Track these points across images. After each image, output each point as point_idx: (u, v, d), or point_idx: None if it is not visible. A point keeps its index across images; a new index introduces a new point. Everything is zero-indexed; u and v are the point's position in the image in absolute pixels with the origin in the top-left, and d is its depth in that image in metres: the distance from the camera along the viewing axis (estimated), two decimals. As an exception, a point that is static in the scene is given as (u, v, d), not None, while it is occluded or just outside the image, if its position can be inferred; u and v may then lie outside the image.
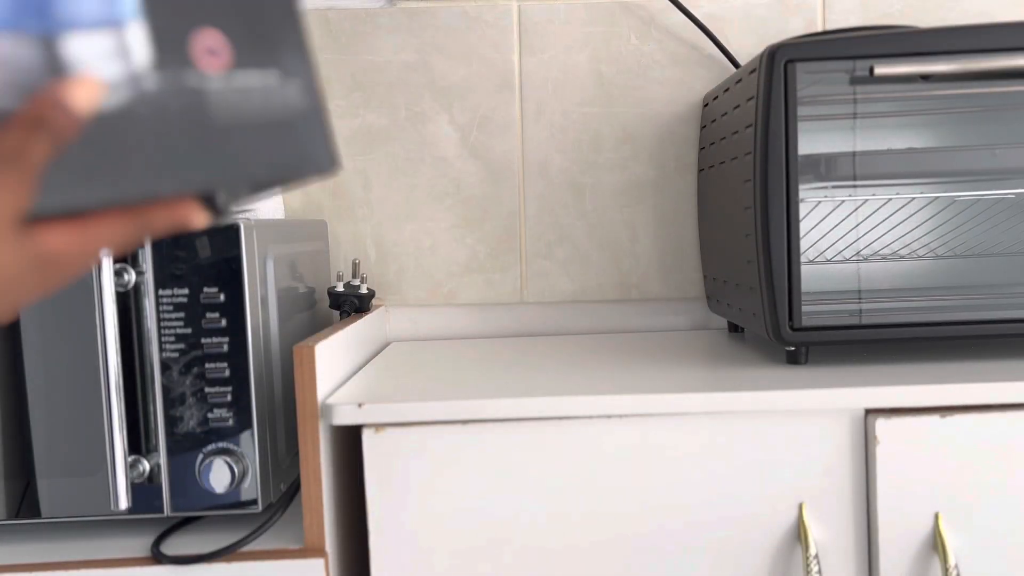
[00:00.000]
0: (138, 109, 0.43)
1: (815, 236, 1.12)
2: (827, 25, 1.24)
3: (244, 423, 0.83)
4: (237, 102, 0.45)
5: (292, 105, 0.47)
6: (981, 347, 0.97)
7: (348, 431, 0.92)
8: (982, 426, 0.80)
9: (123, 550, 0.83)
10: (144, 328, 0.83)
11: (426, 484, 0.82)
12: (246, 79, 0.46)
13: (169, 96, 0.43)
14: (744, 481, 0.82)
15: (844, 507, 0.82)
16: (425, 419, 0.81)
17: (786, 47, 0.85)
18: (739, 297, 0.98)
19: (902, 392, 0.80)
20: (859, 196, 1.07)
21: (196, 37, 0.44)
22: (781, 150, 0.86)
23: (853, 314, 0.92)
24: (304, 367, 0.81)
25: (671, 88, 1.25)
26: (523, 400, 0.80)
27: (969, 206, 1.11)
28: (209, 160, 0.44)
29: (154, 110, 0.43)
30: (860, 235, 1.13)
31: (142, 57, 0.43)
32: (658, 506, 0.82)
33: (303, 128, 0.47)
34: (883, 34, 0.85)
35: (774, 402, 0.80)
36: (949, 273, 1.17)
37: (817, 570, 0.79)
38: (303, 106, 0.47)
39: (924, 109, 1.12)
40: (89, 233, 0.42)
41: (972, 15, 1.23)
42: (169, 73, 0.43)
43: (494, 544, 0.82)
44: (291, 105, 0.47)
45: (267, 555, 0.81)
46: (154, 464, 0.84)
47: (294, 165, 0.47)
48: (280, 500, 0.88)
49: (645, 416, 0.81)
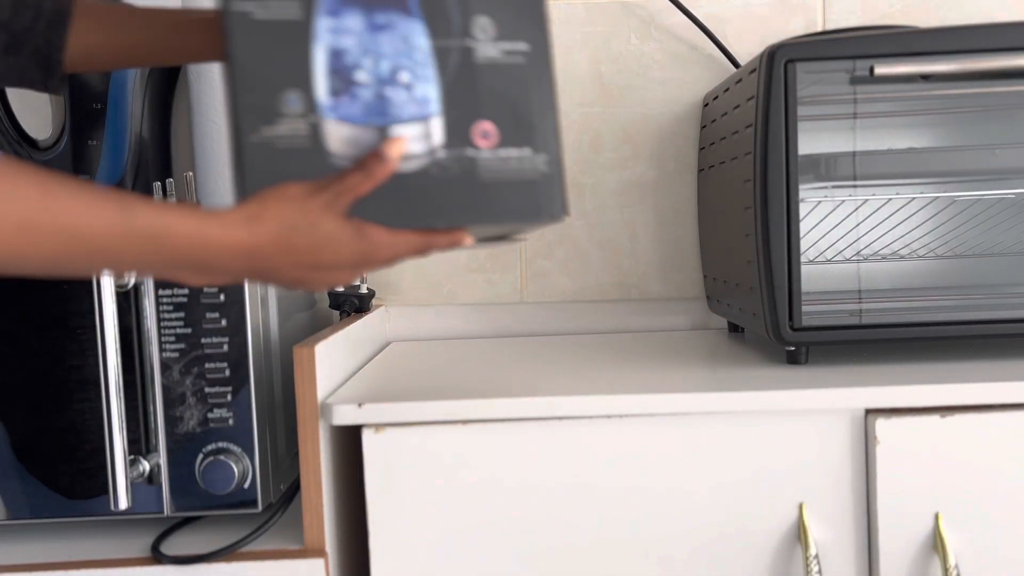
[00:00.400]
0: (432, 171, 0.66)
1: (815, 236, 1.12)
2: (827, 25, 1.24)
3: (244, 423, 0.83)
4: (499, 168, 0.67)
5: (539, 171, 0.68)
6: (981, 347, 0.97)
7: (348, 431, 0.92)
8: (982, 426, 0.80)
9: (123, 550, 0.83)
10: (144, 328, 0.83)
11: (426, 484, 0.82)
12: (507, 153, 0.67)
13: (452, 163, 0.66)
14: (744, 481, 0.82)
15: (844, 507, 0.81)
16: (425, 419, 0.81)
17: (786, 47, 0.85)
18: (739, 297, 0.98)
19: (902, 392, 0.80)
20: (859, 196, 1.07)
21: (475, 126, 0.67)
22: (781, 150, 0.85)
23: (853, 314, 0.92)
24: (304, 367, 0.81)
25: (671, 88, 1.25)
26: (523, 400, 0.80)
27: (969, 206, 1.11)
28: (476, 206, 0.67)
29: (442, 171, 0.66)
30: (860, 235, 1.13)
31: (438, 139, 0.66)
32: (658, 506, 0.82)
33: (545, 188, 0.68)
34: (883, 34, 0.85)
35: (774, 402, 0.80)
36: (949, 273, 1.17)
37: (817, 570, 0.79)
38: (547, 172, 0.68)
39: (924, 109, 1.12)
40: (397, 238, 0.65)
41: (972, 15, 1.23)
42: (454, 149, 0.66)
43: (494, 544, 0.82)
44: (538, 171, 0.68)
45: (267, 555, 0.81)
46: (154, 464, 0.84)
47: (534, 213, 0.68)
48: (280, 500, 0.88)
49: (645, 416, 0.81)
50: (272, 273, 0.63)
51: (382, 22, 0.65)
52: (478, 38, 0.67)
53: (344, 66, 0.65)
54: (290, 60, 0.64)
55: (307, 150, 0.64)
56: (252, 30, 0.64)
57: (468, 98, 0.67)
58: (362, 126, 0.65)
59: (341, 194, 0.63)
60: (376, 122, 0.65)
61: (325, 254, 0.63)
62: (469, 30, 0.67)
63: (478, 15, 0.67)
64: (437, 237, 0.67)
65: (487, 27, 0.67)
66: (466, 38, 0.67)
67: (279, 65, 0.64)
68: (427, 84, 0.66)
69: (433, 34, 0.66)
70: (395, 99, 0.65)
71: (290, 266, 0.63)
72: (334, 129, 0.65)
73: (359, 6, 0.65)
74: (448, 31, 0.66)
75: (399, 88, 0.66)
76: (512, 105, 0.67)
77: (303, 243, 0.61)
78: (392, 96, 0.65)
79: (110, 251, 0.55)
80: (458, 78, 0.67)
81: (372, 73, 0.65)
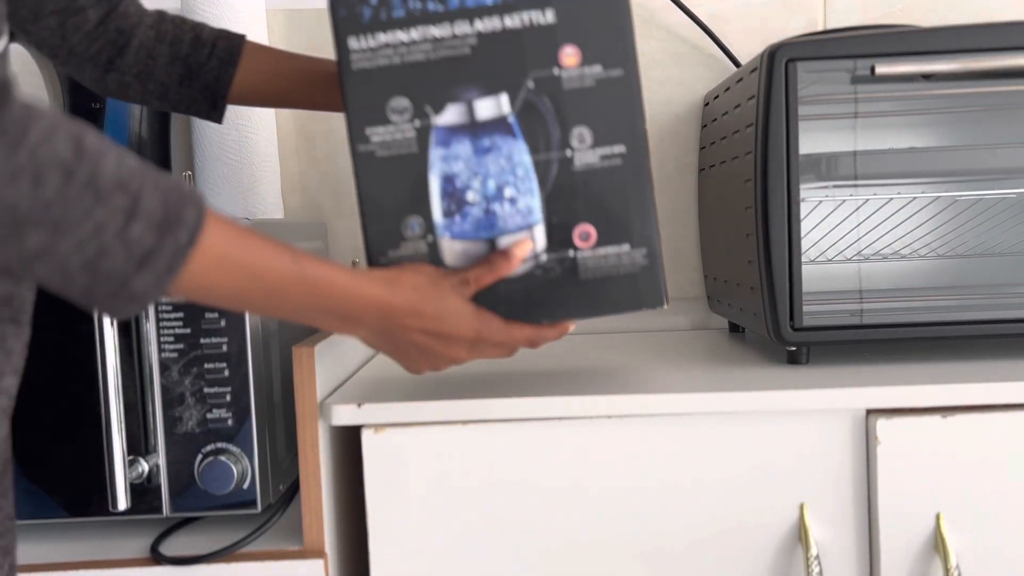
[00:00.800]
0: (536, 273, 0.73)
1: (816, 236, 1.12)
2: (828, 24, 1.24)
3: (243, 423, 0.83)
4: (599, 266, 0.73)
5: (638, 264, 0.73)
6: (983, 347, 0.97)
7: (348, 431, 0.92)
8: (983, 426, 0.80)
9: (122, 551, 0.83)
10: (143, 328, 0.83)
11: (426, 484, 0.82)
12: (606, 251, 0.73)
13: (555, 264, 0.73)
14: (745, 481, 0.81)
15: (845, 507, 0.81)
16: (425, 419, 0.81)
17: (787, 46, 0.85)
18: (740, 297, 0.98)
19: (903, 392, 0.79)
20: (860, 196, 1.07)
21: (576, 229, 0.73)
22: (782, 149, 0.85)
23: (854, 314, 0.92)
24: (303, 367, 0.81)
25: (671, 88, 1.25)
26: (523, 400, 0.80)
27: (970, 206, 1.11)
28: (578, 302, 0.73)
29: (545, 273, 0.73)
30: (861, 235, 1.12)
31: (541, 244, 0.73)
32: (659, 506, 0.82)
33: (644, 279, 0.73)
34: (884, 33, 0.85)
35: (775, 402, 0.80)
36: (950, 273, 1.17)
37: (818, 571, 0.78)
38: (646, 265, 0.73)
39: (925, 108, 1.12)
40: (510, 327, 0.73)
41: (973, 14, 1.23)
42: (556, 252, 0.73)
43: (493, 544, 0.82)
44: (637, 264, 0.73)
45: (266, 556, 0.81)
46: (153, 464, 0.84)
47: (635, 304, 0.74)
48: (279, 501, 0.88)
49: (645, 416, 0.81)
50: (399, 333, 0.69)
51: (487, 145, 0.71)
52: (576, 148, 0.72)
53: (456, 189, 0.72)
54: (410, 190, 0.72)
55: None
56: (376, 167, 0.72)
57: (568, 204, 0.72)
58: (473, 240, 0.73)
59: (466, 282, 0.71)
60: (485, 235, 0.73)
61: (447, 324, 0.69)
62: (568, 142, 0.72)
63: (576, 126, 0.72)
64: (546, 331, 0.74)
65: (584, 136, 0.72)
66: (565, 149, 0.72)
67: (400, 195, 0.72)
68: (530, 196, 0.72)
69: (534, 150, 0.72)
70: (501, 213, 0.72)
71: (416, 329, 0.69)
72: (448, 246, 0.73)
73: (466, 133, 0.71)
74: (548, 145, 0.72)
75: (505, 202, 0.72)
76: (610, 205, 0.73)
77: (430, 309, 0.68)
78: (499, 211, 0.72)
79: (280, 293, 0.61)
80: (558, 186, 0.72)
81: (480, 192, 0.72)
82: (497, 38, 0.71)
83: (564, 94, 0.72)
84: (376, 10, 0.71)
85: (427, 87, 0.71)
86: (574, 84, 0.72)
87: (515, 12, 0.71)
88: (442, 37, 0.71)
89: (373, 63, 0.71)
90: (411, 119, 0.72)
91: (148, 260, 0.53)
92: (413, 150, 0.72)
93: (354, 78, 0.72)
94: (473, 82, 0.71)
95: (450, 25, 0.71)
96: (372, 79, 0.72)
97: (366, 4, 0.71)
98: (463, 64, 0.71)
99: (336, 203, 1.27)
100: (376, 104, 0.72)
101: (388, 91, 0.72)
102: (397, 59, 0.71)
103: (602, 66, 0.72)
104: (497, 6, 0.71)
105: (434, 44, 0.71)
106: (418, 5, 0.71)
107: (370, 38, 0.71)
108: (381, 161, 0.72)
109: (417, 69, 0.71)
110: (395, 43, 0.71)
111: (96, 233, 0.51)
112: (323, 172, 1.28)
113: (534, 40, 0.71)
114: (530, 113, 0.72)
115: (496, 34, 0.71)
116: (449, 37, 0.71)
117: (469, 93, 0.71)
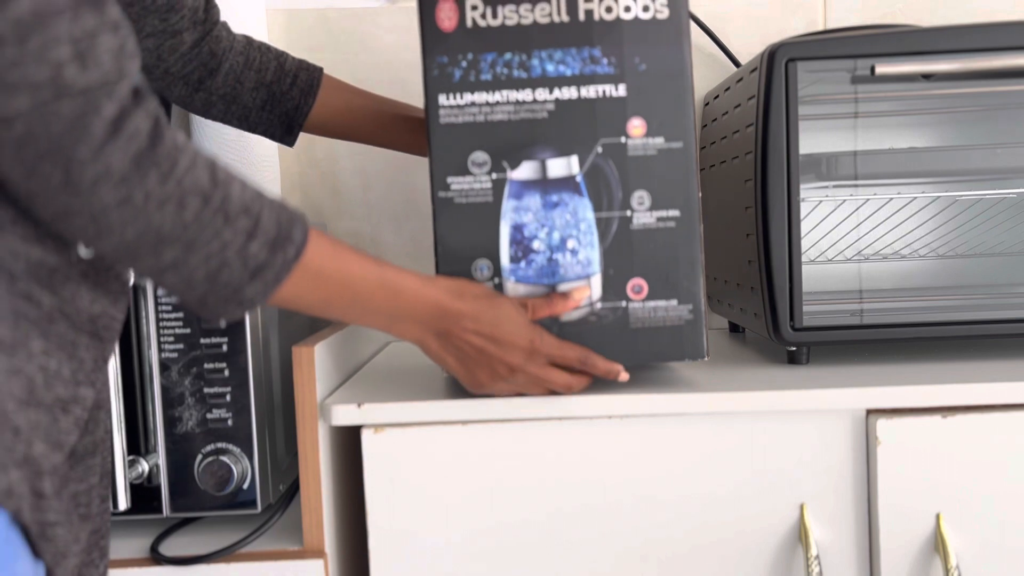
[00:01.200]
0: (590, 319, 0.80)
1: (816, 236, 1.12)
2: (828, 24, 1.24)
3: (243, 424, 0.83)
4: (648, 317, 0.80)
5: (683, 319, 0.80)
6: (983, 347, 0.97)
7: (347, 431, 0.92)
8: (983, 426, 0.80)
9: (122, 551, 0.83)
10: (143, 328, 0.83)
11: (426, 484, 0.82)
12: (656, 304, 0.80)
13: (608, 312, 0.80)
14: (745, 482, 0.81)
15: (845, 508, 0.81)
16: (425, 419, 0.81)
17: (787, 46, 0.85)
18: (740, 297, 0.98)
19: (903, 392, 0.79)
20: (860, 196, 1.07)
21: (630, 282, 0.80)
22: (782, 149, 0.85)
23: (854, 314, 0.92)
24: (303, 367, 0.81)
25: (672, 88, 1.25)
26: (523, 400, 0.80)
27: (970, 206, 1.10)
28: (627, 348, 0.80)
29: (599, 319, 0.80)
30: (861, 235, 1.12)
31: (597, 294, 0.80)
32: (658, 506, 0.82)
33: (688, 332, 0.80)
34: (884, 33, 0.85)
35: (775, 402, 0.80)
36: (950, 273, 1.16)
37: (818, 571, 0.78)
38: (691, 319, 0.80)
39: (925, 108, 1.12)
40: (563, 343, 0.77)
41: (973, 14, 1.23)
42: (610, 301, 0.80)
43: (494, 544, 0.82)
44: (683, 319, 0.80)
45: (266, 556, 0.81)
46: (153, 464, 0.84)
47: (678, 355, 0.80)
48: (279, 501, 0.88)
49: (646, 416, 0.81)
50: (458, 334, 0.74)
51: (555, 200, 0.79)
52: (635, 209, 0.79)
53: (524, 237, 0.79)
54: (482, 235, 0.79)
55: None
56: (454, 213, 0.79)
57: (624, 258, 0.80)
58: (535, 285, 0.79)
59: (525, 305, 0.77)
60: (547, 282, 0.79)
61: (502, 329, 0.74)
62: (629, 203, 0.79)
63: (637, 190, 0.79)
64: (596, 358, 0.78)
65: (644, 199, 0.79)
66: (626, 209, 0.79)
67: (473, 240, 0.79)
68: (591, 249, 0.79)
69: (597, 208, 0.79)
70: (563, 262, 0.79)
71: (472, 331, 0.74)
72: (513, 288, 0.79)
73: (537, 188, 0.79)
74: (611, 205, 0.79)
75: (567, 253, 0.79)
76: (662, 263, 0.80)
77: (488, 315, 0.74)
78: (561, 260, 0.79)
79: (364, 298, 0.68)
80: (616, 242, 0.79)
81: (546, 242, 0.79)
82: (573, 105, 0.79)
83: (628, 160, 0.79)
84: (466, 72, 0.78)
85: (506, 144, 0.79)
86: (638, 152, 0.79)
87: (591, 84, 0.79)
88: (523, 101, 0.79)
89: (459, 119, 0.79)
90: (489, 172, 0.79)
91: (260, 272, 0.60)
92: (488, 200, 0.79)
93: (441, 131, 0.79)
94: (548, 143, 0.79)
95: (532, 91, 0.79)
96: (457, 133, 0.79)
97: (457, 66, 0.78)
98: (540, 126, 0.79)
99: (336, 203, 1.27)
100: (458, 156, 0.79)
101: (470, 145, 0.79)
102: (481, 117, 0.79)
103: (664, 138, 0.79)
104: (575, 77, 0.78)
105: (516, 106, 0.79)
106: (504, 71, 0.78)
107: (458, 96, 0.79)
108: (458, 208, 0.79)
109: (498, 128, 0.79)
110: (481, 103, 0.79)
111: (222, 250, 0.58)
112: (323, 172, 1.28)
113: (606, 110, 0.79)
114: (596, 174, 0.79)
115: (572, 102, 0.79)
116: (530, 101, 0.79)
117: (543, 153, 0.79)
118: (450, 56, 0.78)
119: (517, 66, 0.78)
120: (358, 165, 1.27)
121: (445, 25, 0.78)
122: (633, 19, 0.78)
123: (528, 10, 0.78)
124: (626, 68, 0.79)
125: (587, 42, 0.78)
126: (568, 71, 0.78)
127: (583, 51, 0.78)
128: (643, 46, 0.79)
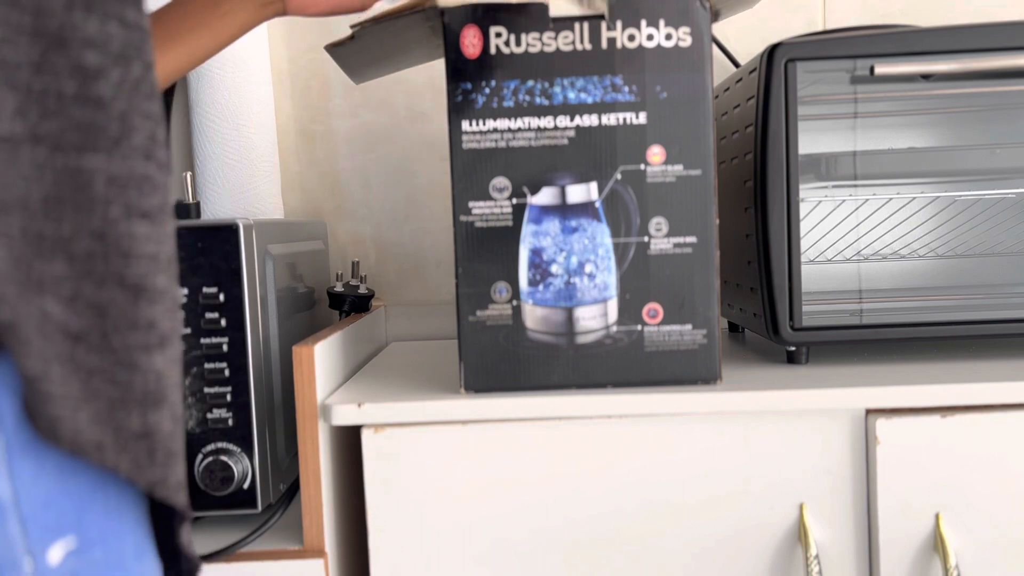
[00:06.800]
0: (605, 341, 0.81)
1: (815, 236, 1.12)
2: (827, 24, 1.24)
3: (243, 423, 0.83)
4: (663, 340, 0.81)
5: (697, 343, 0.81)
6: (982, 347, 0.97)
7: (348, 431, 0.92)
8: (983, 426, 0.80)
9: (122, 550, 0.83)
10: (143, 328, 0.83)
11: (426, 484, 0.82)
12: (670, 328, 0.81)
13: (623, 335, 0.81)
14: (744, 481, 0.81)
15: (845, 507, 0.81)
16: (425, 419, 0.81)
17: (786, 46, 0.85)
18: (739, 297, 0.98)
19: (903, 392, 0.79)
20: (860, 196, 1.07)
21: (645, 306, 0.81)
22: (781, 150, 0.85)
23: (854, 314, 0.92)
24: (303, 367, 0.81)
25: (671, 88, 1.25)
26: (523, 400, 0.80)
27: (970, 206, 1.11)
28: (641, 370, 0.81)
29: (614, 342, 0.81)
30: (861, 235, 1.12)
31: (613, 317, 0.81)
32: (658, 506, 0.82)
33: (702, 357, 0.81)
34: (884, 33, 0.85)
35: (774, 402, 0.80)
36: (950, 273, 1.17)
37: (818, 571, 0.79)
38: (705, 344, 0.81)
39: (925, 109, 1.12)
40: None
41: (972, 14, 1.23)
42: (626, 324, 0.81)
43: (494, 544, 0.82)
44: (697, 343, 0.81)
45: (267, 556, 0.81)
46: (153, 464, 0.84)
47: (691, 378, 0.82)
48: (280, 500, 0.88)
49: (645, 416, 0.81)
50: None
51: (574, 225, 0.80)
52: (653, 235, 0.80)
53: (542, 261, 0.80)
54: (501, 258, 0.81)
55: (510, 327, 0.81)
56: (474, 236, 0.80)
57: (641, 283, 0.81)
58: (553, 307, 0.81)
59: None
60: (564, 304, 0.81)
61: None
62: (646, 229, 0.80)
63: (655, 216, 0.80)
64: None
65: (662, 225, 0.80)
66: (643, 235, 0.80)
67: (493, 262, 0.81)
68: (608, 273, 0.80)
69: (615, 233, 0.80)
70: (580, 286, 0.81)
71: None
72: (530, 310, 0.81)
73: (557, 213, 0.80)
74: (629, 231, 0.80)
75: (584, 277, 0.80)
76: (678, 288, 0.81)
77: None
78: (578, 284, 0.80)
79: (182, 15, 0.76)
80: (633, 266, 0.80)
81: (563, 266, 0.80)
82: (593, 132, 0.80)
83: (647, 187, 0.80)
84: (489, 98, 0.80)
85: (526, 170, 0.80)
86: (657, 179, 0.80)
87: (612, 111, 0.79)
88: (545, 128, 0.80)
89: (481, 144, 0.80)
90: (509, 197, 0.80)
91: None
92: (508, 224, 0.80)
93: (463, 156, 0.80)
94: (568, 169, 0.80)
95: (553, 118, 0.80)
96: (479, 159, 0.80)
97: (481, 92, 0.79)
98: (561, 153, 0.80)
99: (336, 203, 1.27)
100: (480, 181, 0.80)
101: (491, 171, 0.80)
102: (503, 143, 0.80)
103: (684, 166, 0.80)
104: (596, 104, 0.79)
105: (536, 133, 0.80)
106: (527, 98, 0.79)
107: (481, 123, 0.80)
108: (479, 231, 0.81)
109: (519, 154, 0.80)
110: (503, 129, 0.80)
111: None
112: (323, 172, 1.28)
113: (626, 137, 0.80)
114: (615, 200, 0.80)
115: (593, 129, 0.80)
116: (551, 128, 0.80)
117: (563, 179, 0.80)
118: (474, 83, 0.79)
119: (539, 93, 0.79)
120: (358, 165, 1.27)
121: (469, 52, 0.79)
122: (655, 47, 0.79)
123: (551, 38, 0.79)
124: (647, 96, 0.79)
125: (609, 70, 0.79)
126: (589, 99, 0.79)
127: (605, 79, 0.79)
128: (665, 74, 0.79)
